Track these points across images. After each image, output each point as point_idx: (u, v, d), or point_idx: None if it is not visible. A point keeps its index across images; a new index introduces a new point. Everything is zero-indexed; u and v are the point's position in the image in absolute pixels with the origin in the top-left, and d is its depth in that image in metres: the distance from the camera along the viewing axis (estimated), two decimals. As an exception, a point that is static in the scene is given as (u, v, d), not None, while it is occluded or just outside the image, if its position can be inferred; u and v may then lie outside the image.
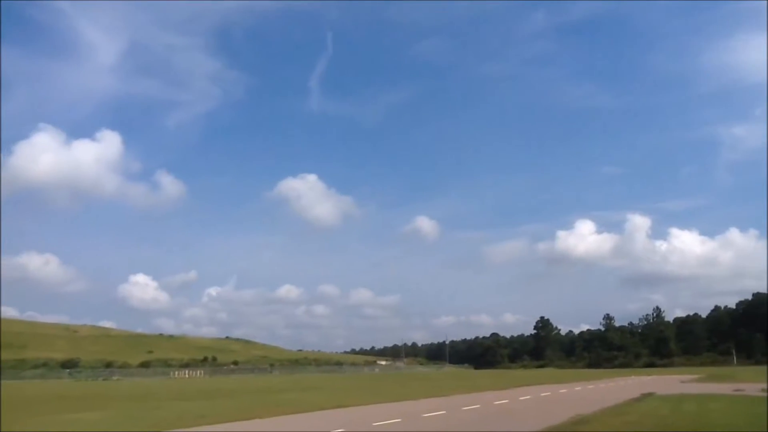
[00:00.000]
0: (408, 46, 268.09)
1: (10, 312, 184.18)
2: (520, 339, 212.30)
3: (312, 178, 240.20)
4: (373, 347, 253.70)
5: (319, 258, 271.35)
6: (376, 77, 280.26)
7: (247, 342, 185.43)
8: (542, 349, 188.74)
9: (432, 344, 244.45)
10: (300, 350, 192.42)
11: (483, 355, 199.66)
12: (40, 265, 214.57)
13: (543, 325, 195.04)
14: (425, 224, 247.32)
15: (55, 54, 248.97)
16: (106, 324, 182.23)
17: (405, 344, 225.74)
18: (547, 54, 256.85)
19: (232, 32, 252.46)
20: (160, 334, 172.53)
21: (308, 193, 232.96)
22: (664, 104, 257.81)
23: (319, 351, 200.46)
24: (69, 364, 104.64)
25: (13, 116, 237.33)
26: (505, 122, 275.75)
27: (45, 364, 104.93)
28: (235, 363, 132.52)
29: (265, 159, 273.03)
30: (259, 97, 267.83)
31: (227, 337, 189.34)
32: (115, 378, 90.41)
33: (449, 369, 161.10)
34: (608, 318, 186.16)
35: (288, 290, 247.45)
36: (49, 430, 20.10)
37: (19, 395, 43.64)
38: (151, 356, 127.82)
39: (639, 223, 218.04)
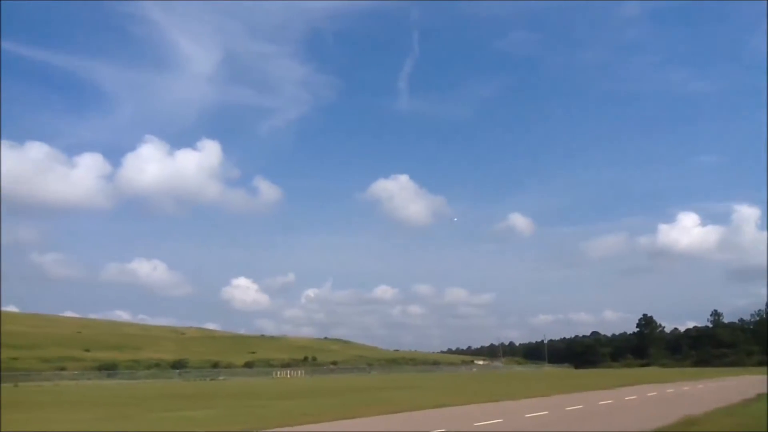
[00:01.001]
0: (494, 40, 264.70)
1: (123, 316, 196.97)
2: (622, 337, 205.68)
3: (404, 178, 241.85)
4: (469, 347, 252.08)
5: (413, 258, 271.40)
6: (464, 73, 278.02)
7: (344, 342, 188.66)
8: (646, 347, 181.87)
9: (530, 343, 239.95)
10: (396, 350, 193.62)
11: (583, 354, 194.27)
12: (149, 270, 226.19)
13: (646, 322, 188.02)
14: (519, 221, 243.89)
15: (156, 67, 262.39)
16: (211, 326, 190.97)
17: (502, 343, 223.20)
18: (641, 40, 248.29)
19: (319, 37, 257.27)
20: (262, 335, 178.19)
21: (400, 193, 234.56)
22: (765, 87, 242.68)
23: (415, 351, 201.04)
24: (178, 365, 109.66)
25: (121, 129, 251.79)
26: (598, 112, 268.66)
27: (157, 365, 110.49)
28: (334, 363, 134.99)
29: (357, 161, 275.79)
30: (348, 100, 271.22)
31: (326, 338, 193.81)
32: (221, 378, 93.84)
33: (549, 369, 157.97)
34: (716, 314, 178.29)
35: (383, 290, 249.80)
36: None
37: (134, 394, 46.30)
38: (254, 356, 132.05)
39: (747, 213, 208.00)
